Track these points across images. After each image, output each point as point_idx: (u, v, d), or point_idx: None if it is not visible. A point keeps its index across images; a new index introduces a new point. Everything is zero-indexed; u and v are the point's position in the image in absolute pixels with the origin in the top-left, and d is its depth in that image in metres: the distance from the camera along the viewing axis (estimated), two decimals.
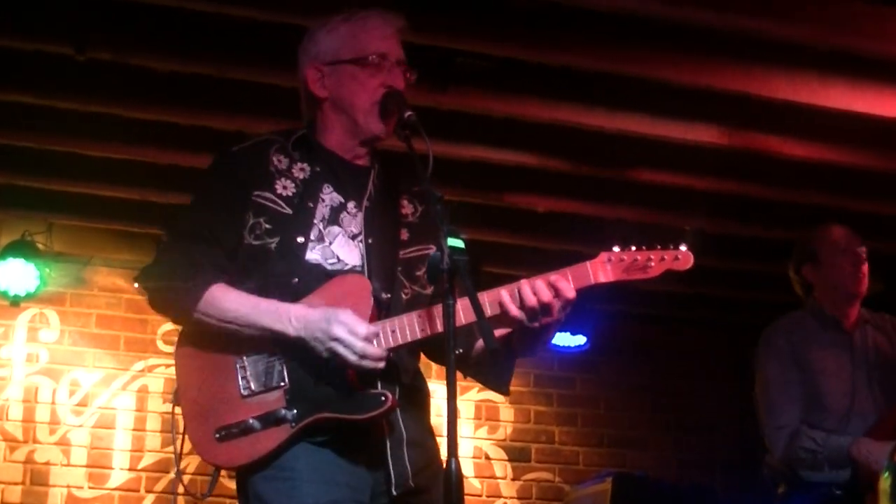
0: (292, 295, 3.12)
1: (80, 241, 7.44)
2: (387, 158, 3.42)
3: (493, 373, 3.30)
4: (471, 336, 3.23)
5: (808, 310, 5.13)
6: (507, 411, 8.34)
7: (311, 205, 3.22)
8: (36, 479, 7.35)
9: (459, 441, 2.69)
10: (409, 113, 3.12)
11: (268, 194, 3.21)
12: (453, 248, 2.80)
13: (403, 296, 3.23)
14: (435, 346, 3.25)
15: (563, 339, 8.23)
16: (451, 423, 2.66)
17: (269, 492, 3.04)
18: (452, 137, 5.62)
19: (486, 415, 8.29)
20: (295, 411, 3.04)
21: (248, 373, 3.10)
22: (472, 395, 8.20)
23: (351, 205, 3.26)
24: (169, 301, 3.19)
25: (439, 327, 3.01)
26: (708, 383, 8.86)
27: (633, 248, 3.02)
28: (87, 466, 7.45)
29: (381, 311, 3.12)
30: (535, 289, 2.98)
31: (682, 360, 8.80)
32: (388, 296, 3.16)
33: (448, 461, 2.63)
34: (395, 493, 3.10)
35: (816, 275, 5.09)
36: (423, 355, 3.39)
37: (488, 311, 2.95)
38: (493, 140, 5.81)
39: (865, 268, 5.02)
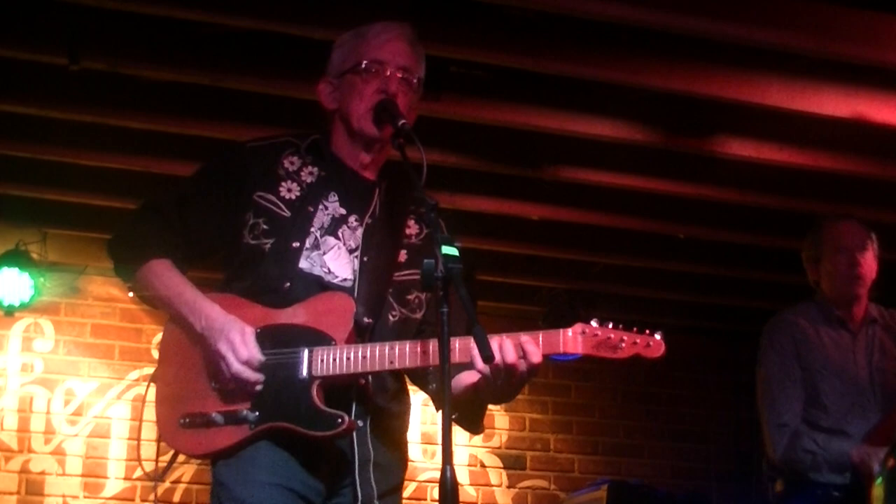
0: (282, 299, 3.15)
1: (75, 251, 7.43)
2: (399, 177, 3.40)
3: (466, 413, 3.23)
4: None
5: (815, 303, 5.12)
6: (502, 419, 8.34)
7: (311, 209, 3.23)
8: (31, 488, 7.34)
9: (454, 449, 2.68)
10: (402, 121, 3.12)
11: (270, 196, 3.24)
12: (448, 256, 2.79)
13: (391, 318, 3.23)
14: (415, 374, 3.26)
15: None
16: (446, 431, 2.67)
17: (227, 474, 3.09)
18: (446, 145, 5.62)
19: None
20: (257, 414, 3.07)
21: None
22: None
23: (353, 218, 3.26)
24: (115, 261, 3.39)
25: (408, 362, 3.02)
26: (703, 391, 8.88)
27: (611, 325, 2.99)
28: (82, 476, 7.44)
29: (362, 334, 3.12)
30: (503, 348, 2.92)
31: (678, 368, 8.79)
32: (370, 320, 3.15)
33: (443, 469, 2.62)
34: None
35: (818, 273, 5.09)
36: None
37: (457, 357, 2.91)
38: (487, 148, 5.82)
39: (861, 270, 4.99)
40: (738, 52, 4.89)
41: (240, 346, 3.07)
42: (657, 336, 3.00)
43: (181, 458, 3.27)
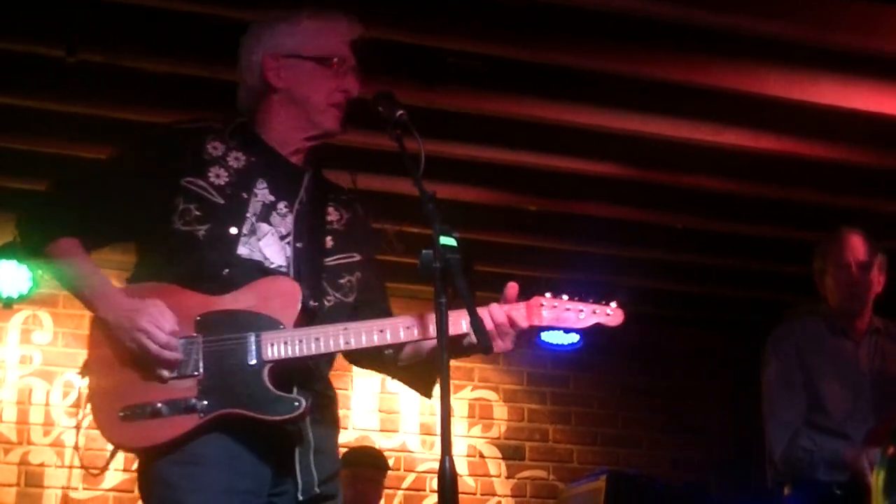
0: (221, 286, 3.12)
1: None
2: (322, 163, 3.43)
3: (419, 379, 3.34)
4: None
5: (820, 313, 5.17)
6: (500, 410, 8.35)
7: (245, 196, 3.22)
8: (30, 480, 7.35)
9: (453, 439, 2.69)
10: (400, 112, 3.13)
11: (200, 181, 3.20)
12: (445, 247, 2.80)
13: (326, 303, 3.24)
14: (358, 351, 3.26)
15: (556, 337, 8.23)
16: (445, 422, 2.67)
17: (174, 475, 3.01)
18: (443, 136, 5.62)
19: (480, 413, 8.30)
20: (206, 402, 3.01)
21: None
22: (465, 394, 8.21)
23: (282, 205, 3.26)
24: (22, 238, 3.31)
25: (365, 342, 3.06)
26: (702, 382, 8.88)
27: (565, 296, 3.09)
28: (81, 468, 7.42)
29: (310, 318, 3.13)
30: (493, 313, 3.05)
31: (676, 358, 8.81)
32: (316, 304, 3.17)
33: (442, 459, 2.63)
34: (301, 498, 3.11)
35: (823, 284, 5.14)
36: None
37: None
38: (484, 139, 5.82)
39: (863, 286, 5.02)
40: (737, 42, 4.89)
41: (162, 319, 3.02)
42: (614, 304, 3.12)
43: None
